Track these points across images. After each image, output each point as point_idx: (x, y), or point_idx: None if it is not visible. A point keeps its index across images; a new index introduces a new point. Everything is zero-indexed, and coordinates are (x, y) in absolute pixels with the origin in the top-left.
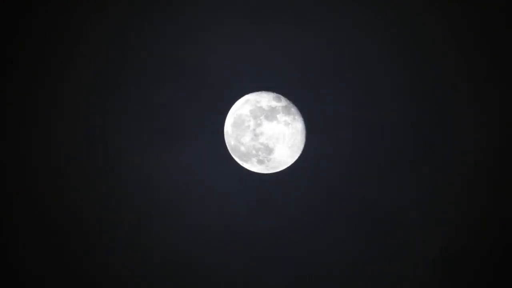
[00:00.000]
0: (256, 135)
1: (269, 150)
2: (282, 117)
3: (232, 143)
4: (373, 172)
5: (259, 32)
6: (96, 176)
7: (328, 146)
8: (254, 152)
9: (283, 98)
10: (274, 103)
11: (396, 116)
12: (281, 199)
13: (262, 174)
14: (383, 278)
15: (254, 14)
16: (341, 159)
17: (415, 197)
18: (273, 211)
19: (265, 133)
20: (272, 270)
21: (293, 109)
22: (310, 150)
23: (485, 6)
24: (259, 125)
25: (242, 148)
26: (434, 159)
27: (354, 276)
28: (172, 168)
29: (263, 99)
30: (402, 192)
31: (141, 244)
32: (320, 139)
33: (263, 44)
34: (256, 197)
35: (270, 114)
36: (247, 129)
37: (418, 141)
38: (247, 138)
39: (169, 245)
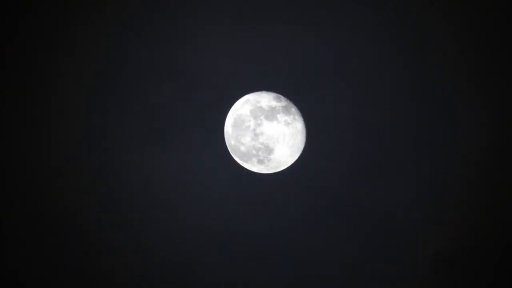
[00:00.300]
0: (256, 135)
1: (269, 150)
2: (282, 117)
3: (232, 143)
4: (373, 172)
5: (259, 32)
6: (96, 176)
7: (328, 146)
8: (254, 152)
9: (283, 98)
10: (274, 103)
11: (396, 116)
12: (281, 199)
13: (262, 174)
14: (383, 278)
15: (254, 14)
16: (341, 159)
17: (415, 197)
18: (273, 211)
19: (265, 133)
20: (272, 270)
21: (293, 109)
22: (310, 150)
23: (485, 6)
24: (259, 125)
25: (242, 148)
26: (434, 159)
27: (354, 276)
28: (172, 168)
29: (263, 99)
30: (402, 192)
31: (141, 244)
32: (320, 139)
33: (263, 44)
34: (256, 197)
35: (270, 114)
36: (247, 129)
37: (418, 141)
38: (247, 138)
39: (169, 245)
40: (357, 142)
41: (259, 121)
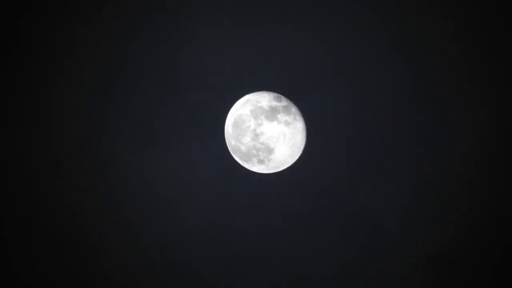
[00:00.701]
0: (256, 135)
1: (269, 150)
2: (282, 117)
3: (233, 143)
4: (373, 172)
5: (259, 32)
6: (96, 176)
7: (328, 146)
8: (254, 152)
9: (283, 98)
10: (274, 103)
11: (396, 116)
12: (281, 199)
13: (262, 174)
14: (383, 278)
15: (254, 14)
16: (341, 159)
17: (415, 197)
18: (273, 211)
19: (265, 133)
20: (272, 270)
21: (294, 109)
22: (311, 150)
23: (485, 6)
24: (259, 125)
25: (243, 148)
26: (434, 159)
27: (354, 276)
28: (172, 168)
29: (264, 99)
30: (402, 192)
31: (141, 244)
32: (320, 139)
33: (263, 44)
34: (256, 197)
35: (271, 114)
36: (247, 129)
37: (418, 141)
38: (247, 138)
39: (169, 245)
40: (357, 142)
41: (259, 121)
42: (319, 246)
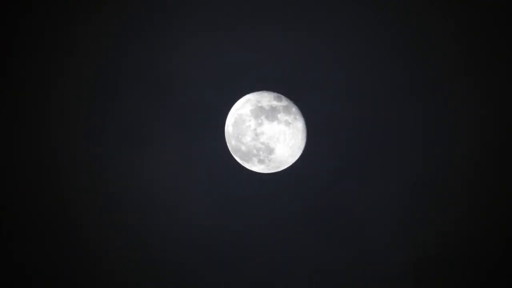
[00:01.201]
0: (257, 135)
1: (270, 150)
2: (283, 117)
3: (233, 143)
4: (373, 172)
5: (259, 32)
6: (96, 176)
7: (328, 146)
8: (255, 151)
9: (283, 98)
10: (275, 103)
11: (396, 116)
12: (281, 199)
13: (263, 174)
14: (383, 278)
15: (254, 14)
16: (341, 159)
17: (415, 197)
18: (273, 211)
19: (266, 132)
20: (272, 270)
21: (294, 109)
22: (311, 149)
23: (485, 6)
24: (260, 124)
25: (243, 148)
26: (434, 159)
27: (354, 276)
28: (172, 168)
29: (264, 99)
30: (402, 192)
31: (141, 244)
32: (321, 139)
33: (263, 44)
34: (256, 197)
35: (271, 114)
36: (248, 129)
37: (418, 141)
38: (248, 138)
39: (169, 245)
40: (357, 142)
41: (259, 121)
42: (319, 246)
